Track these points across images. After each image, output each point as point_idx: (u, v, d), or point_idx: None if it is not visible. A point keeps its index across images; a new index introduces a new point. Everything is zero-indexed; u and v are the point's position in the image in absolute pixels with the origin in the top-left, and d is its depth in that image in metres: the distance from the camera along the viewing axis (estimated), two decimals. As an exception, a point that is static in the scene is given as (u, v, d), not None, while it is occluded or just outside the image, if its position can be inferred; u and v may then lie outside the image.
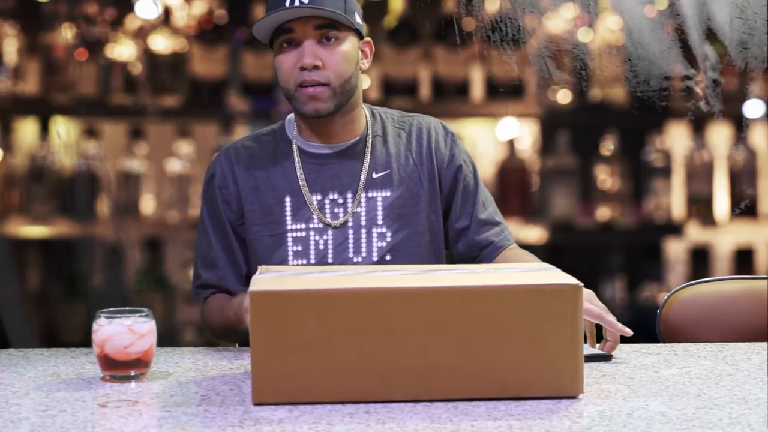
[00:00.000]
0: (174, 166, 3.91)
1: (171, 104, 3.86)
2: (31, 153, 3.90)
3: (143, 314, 1.87)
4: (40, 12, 3.87)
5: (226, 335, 2.24)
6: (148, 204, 3.90)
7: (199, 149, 3.93)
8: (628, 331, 2.02)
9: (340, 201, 2.21)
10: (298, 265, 2.19)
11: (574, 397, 1.71)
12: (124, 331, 1.84)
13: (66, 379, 1.88)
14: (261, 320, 1.68)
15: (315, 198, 2.21)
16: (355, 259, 2.19)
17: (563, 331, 1.70)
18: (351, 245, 2.20)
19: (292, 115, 2.28)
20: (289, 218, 2.20)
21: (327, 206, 2.21)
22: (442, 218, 2.26)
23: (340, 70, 2.14)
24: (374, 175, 2.22)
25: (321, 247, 2.19)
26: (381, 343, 1.69)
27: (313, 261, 2.19)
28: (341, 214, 2.21)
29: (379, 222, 2.21)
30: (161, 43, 3.88)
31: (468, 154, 2.31)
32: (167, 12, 3.92)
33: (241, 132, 3.90)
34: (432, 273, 1.86)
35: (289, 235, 2.20)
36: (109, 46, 3.86)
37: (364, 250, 2.20)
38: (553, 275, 1.80)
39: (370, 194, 2.21)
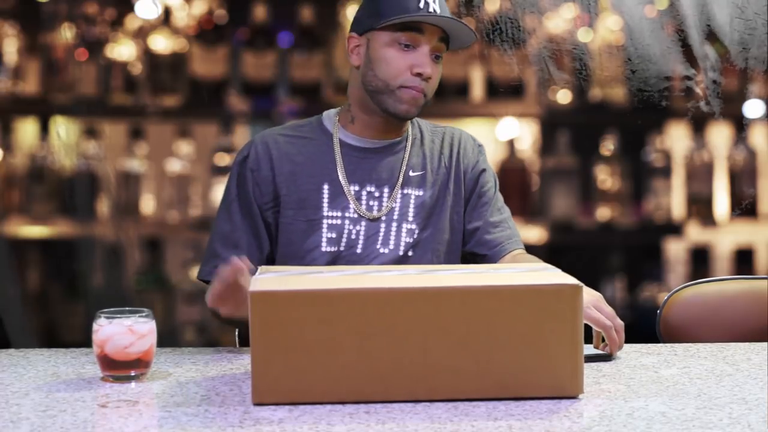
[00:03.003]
0: (174, 166, 3.91)
1: (171, 104, 3.86)
2: (31, 153, 3.90)
3: (143, 314, 1.87)
4: (40, 12, 3.87)
5: (238, 323, 2.22)
6: (148, 204, 3.90)
7: (199, 149, 3.93)
8: (618, 347, 2.02)
9: (377, 194, 2.26)
10: (329, 251, 2.22)
11: (574, 397, 1.71)
12: (124, 331, 1.84)
13: (66, 379, 1.88)
14: (261, 320, 1.68)
15: (353, 188, 2.25)
16: (382, 251, 2.24)
17: (563, 331, 1.70)
18: (381, 237, 2.25)
19: (329, 111, 2.32)
20: (326, 205, 2.24)
21: (364, 198, 2.26)
22: (463, 219, 2.33)
23: (435, 86, 2.24)
24: (411, 174, 2.29)
25: (353, 236, 2.24)
26: (381, 344, 1.69)
27: (342, 249, 2.23)
28: (376, 208, 2.26)
29: (410, 218, 2.27)
30: (161, 43, 3.88)
31: (491, 167, 2.40)
32: (167, 12, 3.92)
33: (241, 132, 3.90)
34: (432, 273, 1.86)
35: (325, 221, 2.24)
36: (109, 46, 3.86)
37: (392, 243, 2.25)
38: (553, 275, 1.80)
39: (405, 191, 2.28)
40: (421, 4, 2.17)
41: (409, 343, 1.69)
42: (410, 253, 2.26)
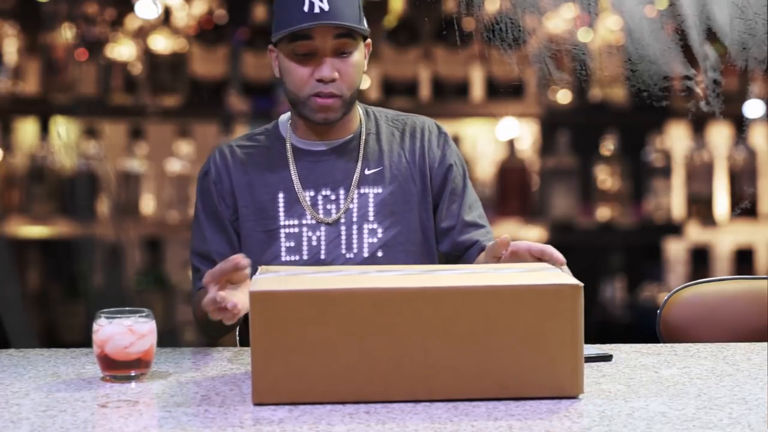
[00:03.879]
0: (174, 166, 3.91)
1: (171, 104, 3.86)
2: (31, 153, 3.90)
3: (143, 314, 1.87)
4: (40, 12, 3.87)
5: (205, 329, 2.21)
6: (148, 204, 3.90)
7: (199, 149, 3.93)
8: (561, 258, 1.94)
9: (333, 197, 2.22)
10: (290, 260, 2.20)
11: (574, 397, 1.71)
12: (124, 331, 1.84)
13: (66, 379, 1.88)
14: (261, 320, 1.68)
15: (308, 194, 2.22)
16: (347, 256, 2.21)
17: (563, 331, 1.70)
18: (343, 241, 2.21)
19: (284, 116, 2.30)
20: (282, 214, 2.22)
21: (320, 202, 2.22)
22: (432, 217, 2.27)
23: (353, 81, 2.17)
24: (366, 172, 2.24)
25: (314, 243, 2.21)
26: (381, 344, 1.69)
27: (305, 257, 2.20)
28: (334, 211, 2.22)
29: (371, 218, 2.22)
30: (161, 43, 3.88)
31: (459, 155, 2.32)
32: (167, 12, 3.92)
33: (241, 132, 3.90)
34: (432, 273, 1.86)
35: (282, 231, 2.21)
36: (109, 46, 3.86)
37: (355, 246, 2.21)
38: (553, 275, 1.80)
39: (362, 190, 2.23)
40: (306, 7, 2.10)
41: (409, 343, 1.69)
42: (379, 254, 2.21)
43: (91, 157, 3.85)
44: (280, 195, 2.22)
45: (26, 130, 3.96)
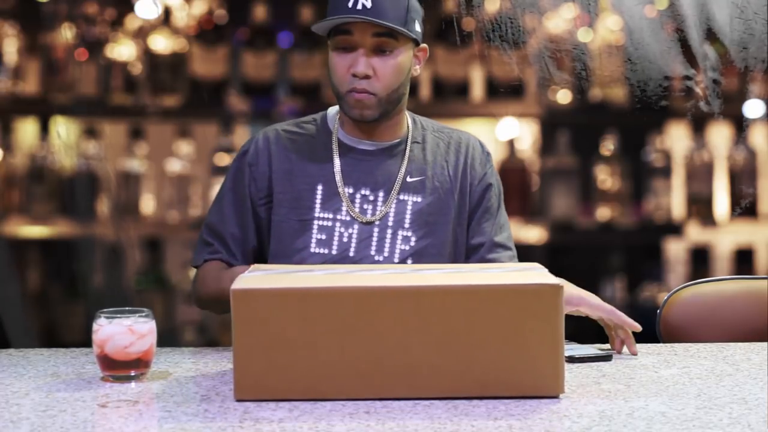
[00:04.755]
0: (174, 166, 3.91)
1: (171, 104, 3.86)
2: (31, 153, 3.90)
3: (143, 314, 1.87)
4: (40, 12, 3.87)
5: (215, 305, 2.24)
6: (148, 204, 3.90)
7: (199, 149, 3.93)
8: (638, 327, 2.04)
9: (371, 198, 2.23)
10: (319, 253, 2.21)
11: (555, 397, 1.71)
12: (124, 331, 1.84)
13: (66, 379, 1.88)
14: (243, 318, 1.69)
15: (347, 190, 2.23)
16: (376, 258, 2.21)
17: (544, 331, 1.70)
18: (374, 243, 2.22)
19: (332, 108, 2.31)
20: (318, 205, 2.23)
21: (357, 200, 2.23)
22: (466, 232, 2.28)
23: (389, 82, 2.17)
24: (409, 179, 2.25)
25: (345, 239, 2.21)
26: (362, 342, 1.70)
27: (334, 252, 2.21)
28: (369, 211, 2.23)
29: (406, 225, 2.23)
30: (161, 43, 3.88)
31: (498, 176, 2.34)
32: (167, 12, 3.92)
33: (241, 132, 3.90)
34: (415, 272, 1.87)
35: (316, 222, 2.22)
36: (109, 46, 3.86)
37: (386, 250, 2.22)
38: (536, 275, 1.80)
39: (401, 197, 2.24)
40: (350, 3, 2.12)
41: (390, 342, 1.70)
42: (409, 262, 2.22)
43: (91, 157, 3.85)
44: (319, 187, 2.23)
45: (26, 130, 3.96)
